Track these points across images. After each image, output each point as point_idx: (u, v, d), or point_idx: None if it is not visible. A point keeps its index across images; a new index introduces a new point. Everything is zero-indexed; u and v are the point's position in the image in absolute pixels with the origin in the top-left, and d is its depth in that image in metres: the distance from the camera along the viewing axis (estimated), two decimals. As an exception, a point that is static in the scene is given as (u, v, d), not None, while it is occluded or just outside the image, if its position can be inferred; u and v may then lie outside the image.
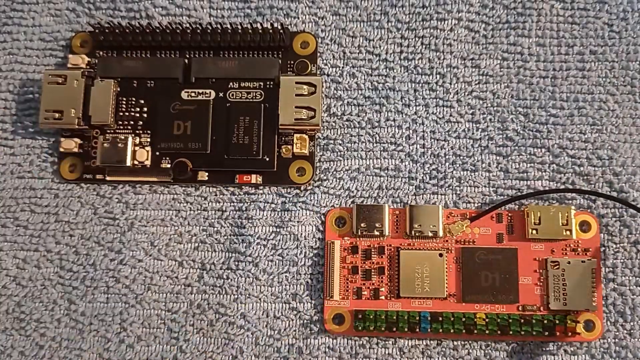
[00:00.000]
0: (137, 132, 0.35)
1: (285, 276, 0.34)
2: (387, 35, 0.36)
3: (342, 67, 0.35)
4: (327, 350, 0.33)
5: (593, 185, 0.34)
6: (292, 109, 0.34)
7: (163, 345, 0.33)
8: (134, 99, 0.35)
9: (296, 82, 0.34)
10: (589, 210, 0.34)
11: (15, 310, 0.34)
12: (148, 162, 0.34)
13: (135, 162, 0.34)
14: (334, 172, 0.35)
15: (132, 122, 0.35)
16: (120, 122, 0.35)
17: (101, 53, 0.36)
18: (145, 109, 0.35)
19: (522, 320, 0.32)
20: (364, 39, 0.36)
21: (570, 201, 0.34)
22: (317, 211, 0.34)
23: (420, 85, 0.35)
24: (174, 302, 0.34)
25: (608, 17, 0.35)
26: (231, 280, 0.34)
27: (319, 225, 0.34)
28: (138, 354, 0.33)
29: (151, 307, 0.34)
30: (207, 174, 0.34)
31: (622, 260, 0.33)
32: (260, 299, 0.33)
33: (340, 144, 0.35)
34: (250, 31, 0.35)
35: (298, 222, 0.34)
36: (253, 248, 0.34)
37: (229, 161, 0.34)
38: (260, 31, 0.34)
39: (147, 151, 0.34)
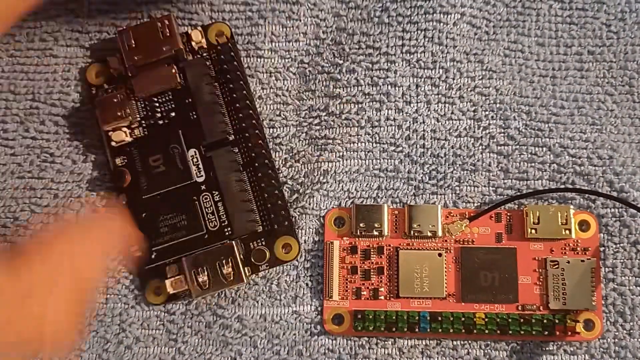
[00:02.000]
0: None
1: (284, 276, 0.34)
2: (387, 29, 0.35)
3: (342, 64, 0.35)
4: (326, 351, 0.33)
5: (593, 185, 0.34)
6: None
7: (161, 347, 0.33)
8: None
9: None
10: (588, 210, 0.34)
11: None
12: None
13: None
14: (334, 175, 0.34)
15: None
16: None
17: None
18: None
19: (522, 320, 0.32)
20: (363, 35, 0.35)
21: (570, 201, 0.34)
22: (316, 214, 0.34)
23: (423, 80, 0.35)
24: (172, 303, 0.33)
25: (606, 18, 0.36)
26: (230, 280, 0.34)
27: (318, 226, 0.34)
28: (136, 355, 0.33)
29: (150, 309, 0.33)
30: None
31: (621, 260, 0.33)
32: (258, 301, 0.33)
33: (339, 144, 0.35)
34: None
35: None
36: (252, 248, 0.34)
37: None
38: None
39: None
